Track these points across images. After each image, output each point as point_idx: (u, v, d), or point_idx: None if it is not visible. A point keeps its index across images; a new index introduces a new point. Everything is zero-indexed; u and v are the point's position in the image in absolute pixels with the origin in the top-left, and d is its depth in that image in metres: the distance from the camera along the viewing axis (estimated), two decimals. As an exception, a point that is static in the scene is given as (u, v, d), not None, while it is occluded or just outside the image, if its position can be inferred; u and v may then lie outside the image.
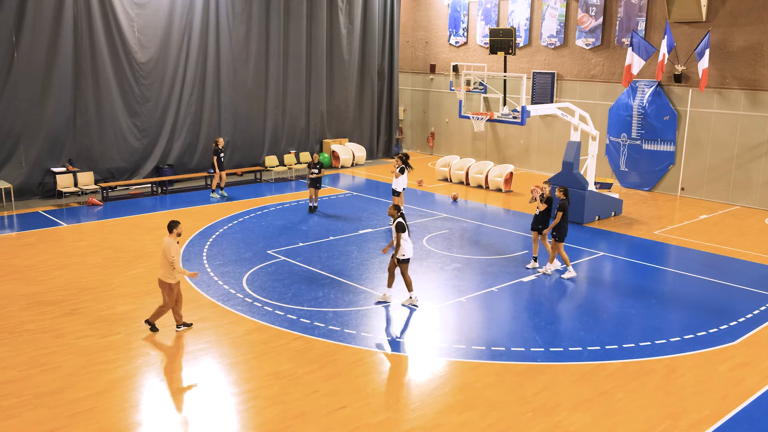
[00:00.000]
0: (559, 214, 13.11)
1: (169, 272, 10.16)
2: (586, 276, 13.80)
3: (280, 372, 9.34)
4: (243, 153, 23.36)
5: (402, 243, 11.37)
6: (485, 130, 26.20)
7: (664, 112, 21.26)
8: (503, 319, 11.54)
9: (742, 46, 19.55)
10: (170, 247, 10.06)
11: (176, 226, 10.34)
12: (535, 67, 24.59)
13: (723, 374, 9.59)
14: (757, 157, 19.68)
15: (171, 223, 10.38)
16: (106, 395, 8.64)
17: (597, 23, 22.58)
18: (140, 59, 20.56)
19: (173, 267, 10.08)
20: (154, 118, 21.22)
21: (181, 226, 10.46)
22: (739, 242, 16.23)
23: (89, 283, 12.72)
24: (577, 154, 17.36)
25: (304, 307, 11.63)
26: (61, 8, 18.80)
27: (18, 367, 9.34)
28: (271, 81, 23.81)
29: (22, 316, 11.08)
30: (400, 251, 11.42)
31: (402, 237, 11.36)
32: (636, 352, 10.23)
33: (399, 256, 11.46)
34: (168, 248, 10.06)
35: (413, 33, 28.73)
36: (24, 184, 18.91)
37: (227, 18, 22.31)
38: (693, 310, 12.02)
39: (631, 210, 19.21)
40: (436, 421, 8.22)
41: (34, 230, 16.20)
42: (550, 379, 9.33)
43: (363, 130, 27.32)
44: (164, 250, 10.10)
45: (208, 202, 19.37)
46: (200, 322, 10.96)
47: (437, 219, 17.88)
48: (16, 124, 18.60)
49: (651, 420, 8.34)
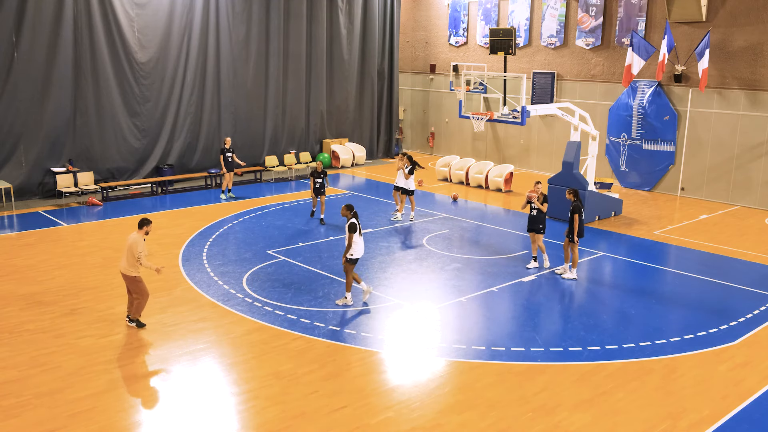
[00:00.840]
0: (576, 217, 13.06)
1: (132, 266, 10.37)
2: (586, 276, 13.80)
3: (280, 372, 9.34)
4: (243, 153, 23.32)
5: (353, 243, 11.41)
6: (485, 130, 26.21)
7: (664, 112, 21.26)
8: (503, 319, 11.54)
9: (742, 46, 19.55)
10: (137, 244, 10.28)
11: (147, 225, 10.54)
12: (535, 67, 24.59)
13: (723, 374, 9.59)
14: (757, 157, 19.69)
15: (143, 221, 10.57)
16: (106, 395, 8.64)
17: (597, 23, 22.58)
18: (140, 59, 20.56)
19: (140, 263, 10.32)
20: (154, 118, 21.22)
21: (151, 225, 10.67)
22: (739, 242, 16.23)
23: (89, 283, 12.72)
24: (577, 154, 17.36)
25: (304, 307, 11.63)
26: (61, 8, 18.80)
27: (18, 367, 9.34)
28: (271, 81, 23.82)
29: (22, 316, 11.08)
30: (351, 250, 11.44)
31: (353, 238, 11.38)
32: (636, 352, 10.23)
33: (348, 255, 11.47)
34: (135, 245, 10.27)
35: (413, 33, 28.73)
36: (24, 184, 18.91)
37: (227, 18, 22.31)
38: (693, 310, 12.02)
39: (631, 210, 19.21)
40: (436, 421, 8.22)
41: (34, 230, 16.20)
42: (550, 379, 9.33)
43: (363, 130, 27.32)
44: (130, 246, 10.29)
45: (208, 202, 19.37)
46: (200, 322, 10.97)
47: (437, 219, 17.87)
48: (16, 124, 18.60)
49: (651, 420, 8.34)
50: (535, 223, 13.75)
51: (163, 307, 11.53)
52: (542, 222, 13.71)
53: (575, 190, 13.37)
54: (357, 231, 11.43)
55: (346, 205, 11.69)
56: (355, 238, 11.43)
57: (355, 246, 11.46)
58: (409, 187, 17.37)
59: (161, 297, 12.00)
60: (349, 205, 11.65)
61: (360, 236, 11.56)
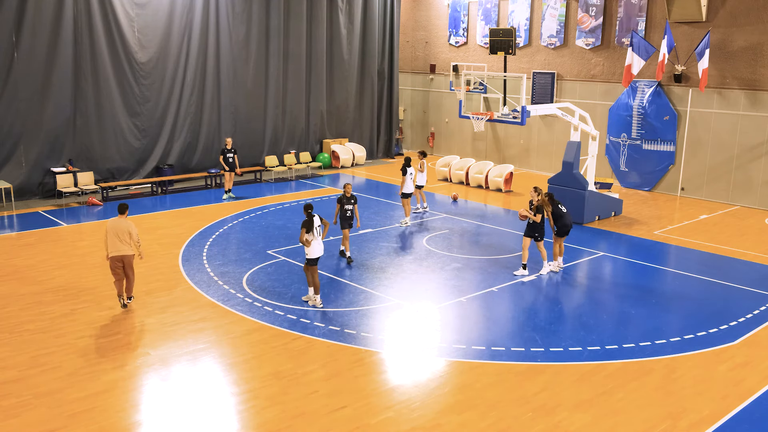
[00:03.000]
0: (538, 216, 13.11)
1: (133, 246, 11.28)
2: (586, 276, 13.81)
3: (280, 372, 9.34)
4: (243, 153, 23.30)
5: (312, 243, 11.32)
6: (485, 130, 26.21)
7: (664, 112, 21.26)
8: (503, 319, 11.54)
9: (742, 46, 19.55)
10: (133, 227, 11.25)
11: (127, 208, 11.47)
12: (535, 67, 24.60)
13: (723, 374, 9.59)
14: (757, 157, 19.69)
15: (122, 206, 11.40)
16: (106, 395, 8.64)
17: (597, 23, 22.58)
18: (140, 59, 20.56)
19: (139, 242, 11.34)
20: (154, 118, 21.22)
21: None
22: (739, 242, 16.23)
23: (89, 283, 12.72)
24: (577, 154, 17.36)
25: (304, 307, 11.63)
26: (61, 8, 18.80)
27: (18, 367, 9.34)
28: (271, 81, 23.81)
29: (22, 316, 11.08)
30: (307, 250, 11.41)
31: (307, 236, 11.27)
32: (636, 352, 10.23)
33: (306, 254, 11.45)
34: (132, 227, 11.22)
35: (413, 33, 28.73)
36: (24, 184, 18.91)
37: (227, 18, 22.31)
38: (693, 310, 12.02)
39: (631, 210, 19.21)
40: (436, 421, 8.22)
41: (34, 230, 16.21)
42: (550, 379, 9.33)
43: (363, 130, 27.32)
44: (128, 230, 11.15)
45: (208, 202, 19.38)
46: (200, 322, 10.97)
47: (437, 219, 17.88)
48: (16, 124, 18.60)
49: (651, 420, 8.34)
50: (533, 231, 13.40)
51: (163, 307, 11.54)
52: (539, 230, 13.37)
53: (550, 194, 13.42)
54: (312, 230, 11.31)
55: (305, 204, 11.61)
56: (314, 236, 11.30)
57: (313, 244, 11.36)
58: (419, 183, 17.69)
59: (161, 297, 12.01)
60: (306, 205, 11.55)
61: (317, 238, 11.37)
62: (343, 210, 13.82)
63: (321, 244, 11.55)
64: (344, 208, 13.83)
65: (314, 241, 11.37)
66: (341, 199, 13.83)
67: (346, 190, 13.87)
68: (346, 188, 13.91)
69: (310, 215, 11.40)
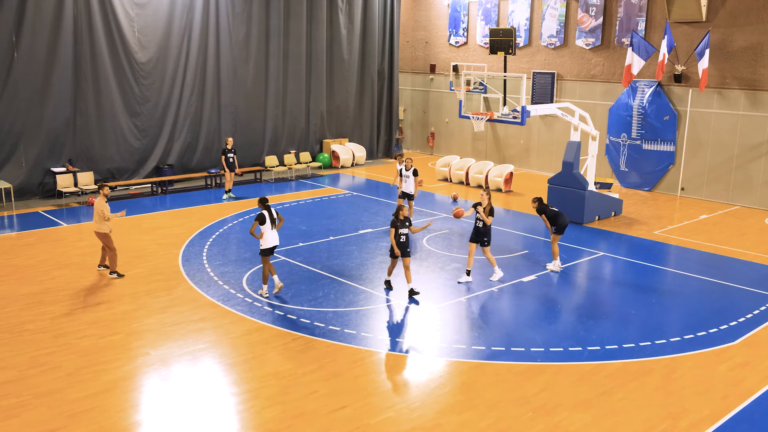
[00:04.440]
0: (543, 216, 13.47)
1: (103, 224, 12.65)
2: (587, 276, 13.81)
3: (280, 372, 9.34)
4: (243, 153, 23.33)
5: (265, 234, 11.72)
6: (485, 130, 26.20)
7: (664, 112, 21.26)
8: (503, 319, 11.54)
9: (742, 46, 19.55)
10: (101, 205, 12.60)
11: (103, 188, 12.85)
12: (535, 67, 24.59)
13: (723, 374, 9.59)
14: (757, 157, 19.69)
15: (99, 185, 12.90)
16: (106, 395, 8.65)
17: (597, 23, 22.58)
18: (140, 59, 20.56)
19: (107, 218, 12.61)
20: (154, 118, 21.22)
21: (107, 188, 12.89)
22: (739, 242, 16.23)
23: (89, 283, 12.72)
24: (577, 154, 17.36)
25: (304, 307, 11.63)
26: (61, 8, 18.80)
27: (18, 367, 9.34)
28: (271, 81, 23.81)
29: (22, 316, 11.08)
30: (261, 241, 11.78)
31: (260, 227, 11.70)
32: (636, 352, 10.24)
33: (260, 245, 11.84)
34: (100, 206, 12.59)
35: (413, 33, 28.73)
36: (24, 184, 18.92)
37: (227, 18, 22.31)
38: (693, 310, 12.02)
39: (631, 210, 19.21)
40: (436, 421, 8.22)
41: (34, 230, 16.21)
42: (550, 379, 9.33)
43: (363, 130, 27.32)
44: (96, 208, 12.62)
45: (208, 202, 19.38)
46: (200, 322, 10.97)
47: (437, 219, 17.87)
48: (16, 124, 18.60)
49: (651, 420, 8.34)
50: (479, 235, 12.87)
51: (163, 307, 11.54)
52: (487, 234, 12.83)
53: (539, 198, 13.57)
54: (265, 222, 11.68)
55: (259, 198, 12.04)
56: (264, 229, 11.69)
57: (266, 235, 11.72)
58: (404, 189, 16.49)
59: (161, 297, 12.01)
60: (261, 198, 12.00)
61: (272, 229, 11.77)
62: (398, 235, 11.94)
63: (275, 234, 11.92)
64: (398, 233, 11.96)
65: (267, 232, 11.75)
66: (394, 223, 11.91)
67: (401, 212, 11.89)
68: (401, 211, 11.89)
69: (268, 209, 11.88)
